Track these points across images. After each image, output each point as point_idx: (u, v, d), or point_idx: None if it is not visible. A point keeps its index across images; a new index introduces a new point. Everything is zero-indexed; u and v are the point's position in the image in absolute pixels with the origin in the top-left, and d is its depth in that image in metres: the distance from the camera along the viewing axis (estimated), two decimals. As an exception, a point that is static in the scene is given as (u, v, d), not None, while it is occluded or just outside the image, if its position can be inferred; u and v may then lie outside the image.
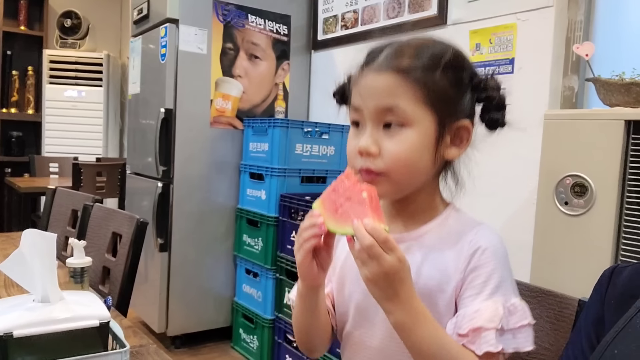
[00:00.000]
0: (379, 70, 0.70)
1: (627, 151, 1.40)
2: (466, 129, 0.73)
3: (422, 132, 0.69)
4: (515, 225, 1.96)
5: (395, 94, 0.68)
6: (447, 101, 0.70)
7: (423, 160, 0.70)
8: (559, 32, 1.87)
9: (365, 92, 0.71)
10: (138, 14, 2.89)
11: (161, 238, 2.61)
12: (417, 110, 0.69)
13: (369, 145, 0.69)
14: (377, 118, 0.70)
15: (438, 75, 0.69)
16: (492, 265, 0.69)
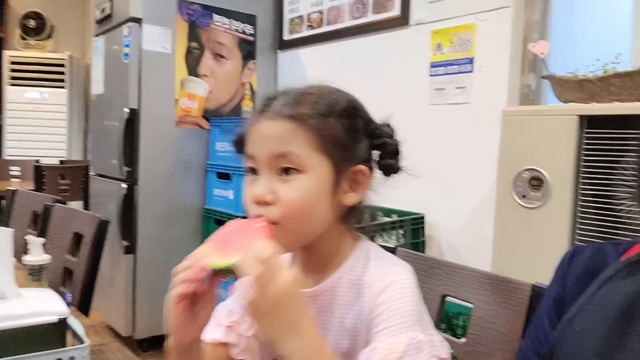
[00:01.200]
0: (273, 117, 0.69)
1: (581, 145, 1.46)
2: (363, 173, 0.72)
3: (318, 178, 0.68)
4: (476, 220, 2.01)
5: (289, 140, 0.68)
6: (342, 147, 0.70)
7: (320, 206, 0.69)
8: (516, 31, 1.93)
9: (258, 139, 0.70)
10: (101, 13, 2.84)
11: (126, 240, 2.57)
12: (312, 156, 0.68)
13: (264, 194, 0.67)
14: (272, 165, 0.68)
15: (332, 122, 0.70)
16: (395, 304, 0.66)
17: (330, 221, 0.72)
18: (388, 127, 0.77)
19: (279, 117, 0.69)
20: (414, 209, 2.19)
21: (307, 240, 0.72)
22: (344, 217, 0.74)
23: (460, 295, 0.87)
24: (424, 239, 2.13)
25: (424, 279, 0.92)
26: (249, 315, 0.59)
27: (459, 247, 2.10)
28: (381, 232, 2.00)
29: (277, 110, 0.70)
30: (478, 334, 0.82)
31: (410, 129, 2.27)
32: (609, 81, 1.46)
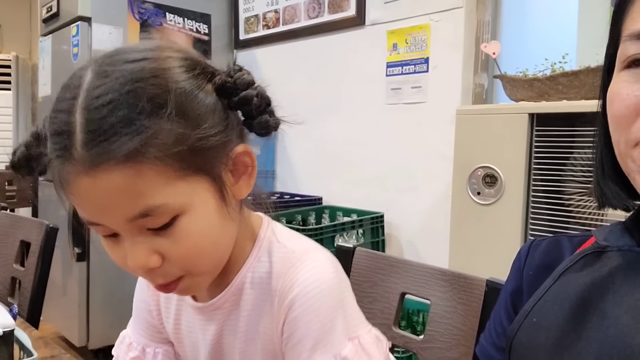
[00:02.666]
0: (91, 171, 0.46)
1: (532, 142, 1.50)
2: (244, 153, 0.55)
3: (200, 208, 0.51)
4: (433, 217, 2.04)
5: (139, 192, 0.47)
6: (204, 148, 0.50)
7: (218, 231, 0.54)
8: (468, 32, 1.97)
9: (91, 206, 0.49)
10: (47, 12, 2.73)
11: (78, 247, 2.48)
12: (179, 190, 0.49)
13: (146, 262, 0.50)
14: (134, 227, 0.49)
15: (177, 126, 0.48)
16: (307, 320, 0.55)
17: (236, 228, 0.57)
18: (241, 71, 0.56)
19: (101, 170, 0.46)
20: (372, 208, 2.21)
21: (219, 269, 0.58)
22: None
23: (419, 292, 0.87)
24: (383, 238, 2.15)
25: (383, 278, 0.92)
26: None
27: (418, 245, 2.13)
28: (341, 231, 2.01)
29: (89, 158, 0.46)
30: (436, 330, 0.83)
31: (368, 128, 2.30)
32: (557, 80, 1.50)
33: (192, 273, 0.53)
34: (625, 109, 0.46)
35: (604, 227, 0.56)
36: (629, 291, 0.48)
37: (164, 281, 0.53)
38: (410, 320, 1.91)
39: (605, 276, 0.50)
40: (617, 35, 0.50)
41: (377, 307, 0.92)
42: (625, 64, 0.48)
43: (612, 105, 0.48)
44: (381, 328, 0.91)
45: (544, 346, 0.52)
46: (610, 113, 0.49)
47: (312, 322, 0.55)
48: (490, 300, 0.77)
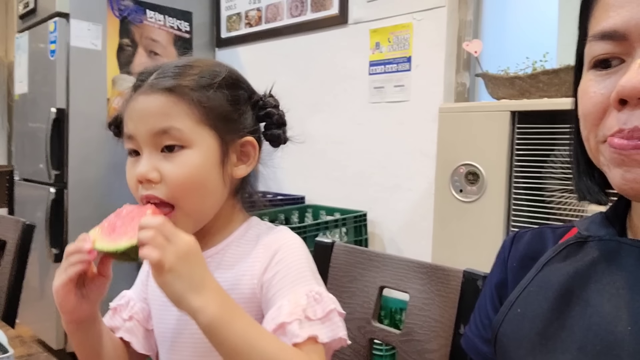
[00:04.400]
0: (149, 92, 0.66)
1: (513, 140, 1.50)
2: (251, 144, 0.72)
3: (204, 152, 0.66)
4: (417, 215, 2.04)
5: (169, 115, 0.65)
6: (227, 119, 0.69)
7: (211, 181, 0.67)
8: (451, 31, 1.98)
9: (136, 116, 0.66)
10: (24, 8, 2.67)
11: (56, 248, 2.43)
12: (195, 130, 0.66)
13: (148, 171, 0.64)
14: (153, 142, 0.65)
15: (213, 94, 0.67)
16: (289, 261, 0.67)
17: (224, 195, 0.71)
18: (271, 97, 0.75)
19: (155, 91, 0.66)
20: (356, 206, 2.20)
21: (207, 219, 0.70)
22: (235, 191, 0.74)
23: (398, 285, 0.87)
24: (366, 237, 2.15)
25: (362, 272, 0.92)
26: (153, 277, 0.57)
27: (401, 243, 2.13)
28: (324, 230, 2.00)
29: (153, 83, 0.66)
30: (414, 322, 0.83)
31: (351, 127, 2.29)
32: (538, 78, 1.51)
33: (178, 203, 0.65)
34: (592, 107, 0.48)
35: (586, 217, 0.56)
36: (610, 280, 0.48)
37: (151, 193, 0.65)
38: (393, 319, 1.91)
39: (587, 266, 0.51)
40: (583, 34, 0.51)
41: (356, 301, 0.91)
42: (591, 64, 0.49)
43: (581, 103, 0.50)
44: (360, 322, 0.90)
45: (528, 336, 0.52)
46: (579, 111, 0.50)
47: (292, 264, 0.67)
48: (468, 290, 0.77)
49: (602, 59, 0.47)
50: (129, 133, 0.67)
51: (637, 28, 0.44)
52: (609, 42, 0.46)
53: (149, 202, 0.66)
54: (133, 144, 0.67)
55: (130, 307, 0.79)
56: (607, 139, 0.46)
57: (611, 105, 0.46)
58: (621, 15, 0.45)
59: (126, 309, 0.78)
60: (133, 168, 0.67)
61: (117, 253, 0.60)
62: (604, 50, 0.46)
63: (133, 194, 0.68)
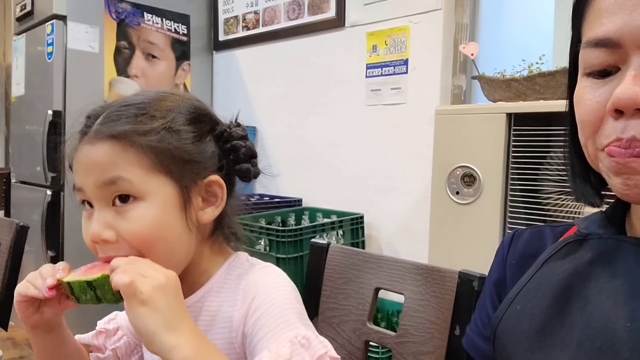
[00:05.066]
0: (93, 140, 0.60)
1: (509, 141, 1.50)
2: (217, 184, 0.64)
3: (161, 202, 0.60)
4: (413, 217, 2.04)
5: (116, 165, 0.59)
6: (184, 162, 0.62)
7: (173, 232, 0.61)
8: (447, 33, 1.98)
9: (81, 168, 0.61)
10: (21, 10, 2.67)
11: (52, 250, 2.42)
12: (147, 179, 0.60)
13: (100, 231, 0.59)
14: (102, 195, 0.59)
15: (165, 135, 0.61)
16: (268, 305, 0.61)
17: (193, 243, 0.64)
18: (238, 126, 0.68)
19: (99, 139, 0.59)
20: (352, 209, 2.20)
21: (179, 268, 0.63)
22: (210, 232, 0.67)
23: (393, 287, 0.87)
24: (363, 239, 2.14)
25: (357, 274, 0.91)
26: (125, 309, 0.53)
27: (398, 245, 2.13)
28: (321, 232, 1.99)
29: (97, 130, 0.60)
30: (410, 324, 0.82)
31: (348, 129, 2.29)
32: (534, 80, 1.52)
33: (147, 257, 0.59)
34: (589, 115, 0.47)
35: (585, 216, 0.57)
36: (610, 278, 0.48)
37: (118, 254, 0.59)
38: (390, 321, 1.91)
39: (587, 263, 0.51)
40: (577, 37, 0.50)
41: (351, 303, 0.90)
42: (585, 73, 0.48)
43: (578, 110, 0.49)
44: (356, 324, 0.90)
45: (527, 333, 0.52)
46: (577, 117, 0.50)
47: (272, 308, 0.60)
48: (463, 291, 0.76)
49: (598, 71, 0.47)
50: (77, 185, 0.62)
51: (631, 36, 0.43)
52: (602, 50, 0.45)
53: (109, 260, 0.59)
54: (82, 196, 0.62)
55: (116, 339, 0.75)
56: (606, 148, 0.46)
57: (607, 114, 0.45)
58: (614, 23, 0.44)
59: (111, 339, 0.75)
60: (87, 222, 0.61)
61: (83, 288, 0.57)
62: (599, 60, 0.46)
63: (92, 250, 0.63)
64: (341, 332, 0.91)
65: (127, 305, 0.53)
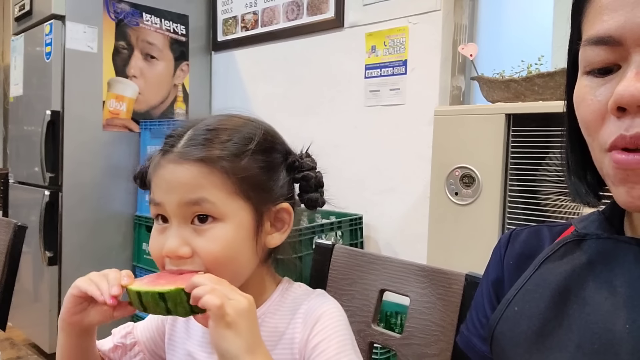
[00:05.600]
0: (180, 161, 0.62)
1: (508, 142, 1.50)
2: (286, 211, 0.68)
3: (237, 225, 0.63)
4: (412, 218, 2.04)
5: (201, 186, 0.61)
6: (261, 188, 0.65)
7: (244, 254, 0.64)
8: (446, 34, 1.98)
9: (165, 186, 0.63)
10: (20, 10, 2.67)
11: (50, 251, 2.41)
12: (228, 202, 0.62)
13: (178, 247, 0.61)
14: (183, 214, 0.62)
15: (247, 161, 0.64)
16: (330, 332, 0.64)
17: (255, 265, 0.67)
18: (308, 157, 0.73)
19: (186, 160, 0.62)
20: (351, 210, 2.20)
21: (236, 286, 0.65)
22: (266, 257, 0.70)
23: (398, 288, 0.86)
24: (362, 240, 2.14)
25: (362, 275, 0.91)
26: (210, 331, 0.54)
27: (397, 246, 2.13)
28: (320, 233, 1.99)
29: (184, 152, 0.63)
30: (415, 326, 0.82)
31: (347, 130, 2.29)
32: (533, 81, 1.52)
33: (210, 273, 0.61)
34: (591, 115, 0.47)
35: (583, 216, 0.56)
36: (608, 278, 0.48)
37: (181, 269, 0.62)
38: (388, 322, 1.90)
39: (585, 264, 0.50)
40: (576, 33, 0.50)
41: (356, 304, 0.90)
42: (585, 71, 0.48)
43: (579, 110, 0.49)
44: (360, 326, 0.90)
45: (525, 335, 0.51)
46: (578, 117, 0.49)
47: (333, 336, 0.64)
48: (469, 294, 0.76)
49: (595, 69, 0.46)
50: (157, 200, 0.64)
51: (632, 33, 0.42)
52: (603, 48, 0.45)
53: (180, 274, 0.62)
54: (159, 211, 0.64)
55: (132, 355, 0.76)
56: (610, 154, 0.45)
57: (609, 112, 0.44)
58: (615, 20, 0.43)
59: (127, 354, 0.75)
60: (160, 237, 0.63)
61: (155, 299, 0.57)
62: (600, 58, 0.45)
63: (156, 261, 0.65)
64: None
65: (213, 326, 0.54)
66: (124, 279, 0.60)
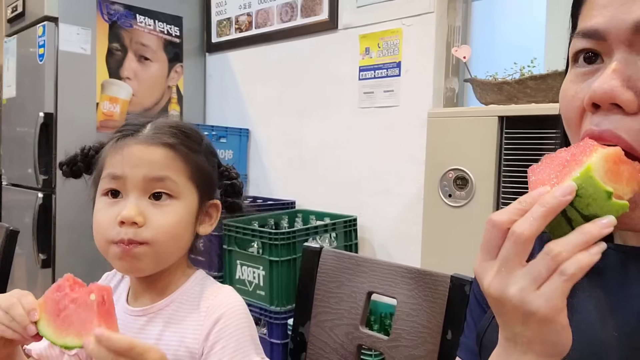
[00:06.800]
0: (149, 142, 0.71)
1: (501, 144, 1.51)
2: (216, 207, 0.79)
3: (188, 206, 0.72)
4: (406, 220, 2.04)
5: (168, 167, 0.71)
6: (207, 181, 0.76)
7: (186, 234, 0.73)
8: (439, 36, 1.99)
9: (133, 160, 0.70)
10: (12, 12, 2.66)
11: (43, 253, 2.40)
12: (185, 185, 0.72)
13: (135, 215, 0.67)
14: (144, 188, 0.70)
15: (201, 157, 0.75)
16: (230, 330, 0.70)
17: (186, 249, 0.76)
18: (233, 169, 0.83)
19: (155, 143, 0.71)
20: (345, 211, 2.20)
21: (166, 265, 0.73)
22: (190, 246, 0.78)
23: (385, 291, 0.86)
24: (356, 241, 2.14)
25: (350, 278, 0.91)
26: None
27: (391, 248, 2.13)
28: (314, 235, 1.99)
29: (152, 136, 0.72)
30: (402, 328, 0.82)
31: (341, 132, 2.29)
32: (526, 84, 1.52)
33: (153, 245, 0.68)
34: (571, 110, 0.48)
35: None
36: (597, 287, 0.48)
37: (132, 237, 0.67)
38: (383, 324, 1.91)
39: None
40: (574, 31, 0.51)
41: (344, 307, 0.90)
42: (573, 59, 0.49)
43: (561, 105, 0.50)
44: (348, 328, 0.90)
45: None
46: (561, 112, 0.50)
47: (233, 334, 0.69)
48: (455, 296, 0.76)
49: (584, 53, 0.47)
50: (116, 174, 0.70)
51: (616, 30, 0.43)
52: (590, 41, 0.46)
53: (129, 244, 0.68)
54: (116, 185, 0.70)
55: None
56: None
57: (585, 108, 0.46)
58: (603, 15, 0.44)
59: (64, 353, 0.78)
60: (110, 210, 0.69)
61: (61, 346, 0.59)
62: (586, 46, 0.47)
63: (101, 233, 0.69)
64: (334, 336, 0.91)
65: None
66: (31, 315, 0.61)
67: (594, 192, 0.39)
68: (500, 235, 0.41)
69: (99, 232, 0.70)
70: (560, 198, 0.39)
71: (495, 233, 0.41)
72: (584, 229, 0.38)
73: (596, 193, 0.39)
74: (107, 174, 0.71)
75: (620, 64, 0.43)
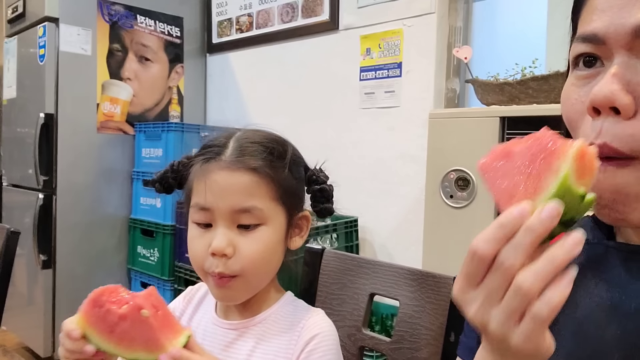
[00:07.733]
0: (233, 168, 0.69)
1: (503, 145, 1.50)
2: (306, 218, 0.77)
3: (276, 228, 0.71)
4: (407, 221, 2.04)
5: (253, 195, 0.68)
6: (294, 195, 0.74)
7: (276, 255, 0.72)
8: (441, 37, 1.99)
9: (218, 190, 0.68)
10: (13, 12, 2.66)
11: (44, 254, 2.40)
12: (271, 207, 0.70)
13: (225, 247, 0.67)
14: (231, 218, 0.68)
15: (286, 172, 0.72)
16: (321, 353, 0.70)
17: (279, 266, 0.75)
18: (321, 172, 0.80)
19: (238, 169, 0.68)
20: (346, 212, 2.20)
21: (258, 290, 0.73)
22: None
23: (388, 292, 0.86)
24: (357, 242, 2.14)
25: (352, 279, 0.91)
26: None
27: (392, 248, 2.13)
28: (315, 236, 1.99)
29: (235, 160, 0.69)
30: (405, 330, 0.82)
31: (342, 133, 2.29)
32: (527, 84, 1.52)
33: (243, 275, 0.68)
34: (573, 114, 0.48)
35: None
36: (598, 284, 0.48)
37: (223, 270, 0.67)
38: (384, 325, 1.90)
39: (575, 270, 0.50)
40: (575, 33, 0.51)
41: (346, 308, 0.90)
42: (573, 63, 0.49)
43: (563, 107, 0.50)
44: (350, 330, 0.90)
45: None
46: (563, 115, 0.50)
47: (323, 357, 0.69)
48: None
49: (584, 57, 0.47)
50: (204, 205, 0.69)
51: (615, 34, 0.43)
52: (589, 45, 0.46)
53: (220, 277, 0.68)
54: (205, 217, 0.69)
55: None
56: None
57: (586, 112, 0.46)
58: (602, 20, 0.45)
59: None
60: (202, 239, 0.69)
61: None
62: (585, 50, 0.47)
63: (196, 262, 0.70)
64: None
65: None
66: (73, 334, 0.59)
67: (571, 199, 0.38)
68: (485, 267, 0.40)
69: (195, 261, 0.70)
70: (547, 224, 0.37)
71: (480, 265, 0.40)
72: (553, 255, 0.37)
73: (573, 200, 0.38)
74: (195, 204, 0.70)
75: (620, 68, 0.43)
